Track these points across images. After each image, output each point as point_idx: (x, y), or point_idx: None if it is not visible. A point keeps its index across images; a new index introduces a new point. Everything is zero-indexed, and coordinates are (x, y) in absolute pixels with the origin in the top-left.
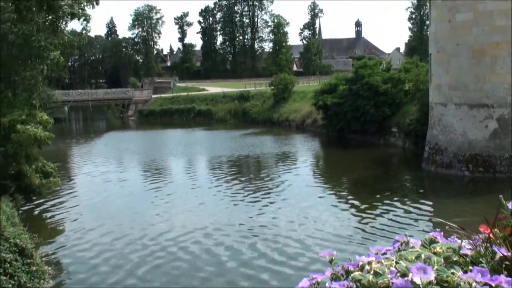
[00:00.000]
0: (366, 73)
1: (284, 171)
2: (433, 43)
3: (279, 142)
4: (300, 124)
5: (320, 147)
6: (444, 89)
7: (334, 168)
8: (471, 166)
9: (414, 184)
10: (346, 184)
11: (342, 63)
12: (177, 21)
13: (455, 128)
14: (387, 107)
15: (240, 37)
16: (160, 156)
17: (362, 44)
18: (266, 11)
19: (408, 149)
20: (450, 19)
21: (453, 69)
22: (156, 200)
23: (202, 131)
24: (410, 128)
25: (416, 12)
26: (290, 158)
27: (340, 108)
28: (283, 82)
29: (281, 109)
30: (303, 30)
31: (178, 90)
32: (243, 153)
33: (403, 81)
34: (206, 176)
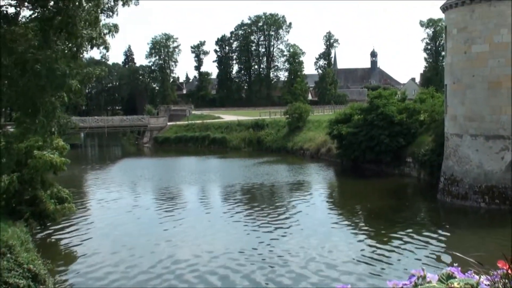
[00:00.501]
0: (381, 103)
1: (298, 200)
2: (448, 74)
3: (293, 171)
4: (315, 153)
5: (335, 177)
6: (459, 120)
7: (348, 197)
8: (487, 197)
9: (429, 215)
10: (361, 214)
11: (357, 92)
12: (193, 50)
13: (471, 159)
14: (402, 137)
15: (255, 66)
16: (174, 183)
17: (377, 74)
18: (282, 41)
19: (423, 179)
20: (466, 50)
21: (469, 100)
22: (169, 227)
23: (217, 159)
24: (425, 158)
25: (432, 43)
26: (304, 187)
27: (355, 138)
28: (298, 111)
29: (296, 138)
30: (319, 60)
31: (193, 117)
32: (257, 181)
33: (418, 111)
34: (219, 204)
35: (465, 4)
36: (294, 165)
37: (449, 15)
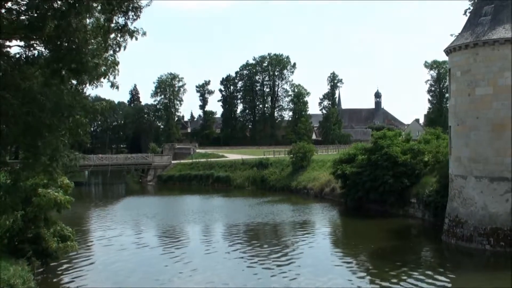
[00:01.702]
0: (385, 144)
1: (301, 240)
2: (452, 116)
3: (297, 210)
4: (319, 192)
5: (338, 216)
6: (464, 162)
7: (352, 237)
8: (492, 240)
9: (434, 257)
10: (364, 255)
11: (361, 133)
12: (198, 89)
13: (475, 201)
14: (406, 177)
15: (260, 105)
16: (177, 222)
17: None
18: (287, 81)
19: (427, 220)
20: (469, 93)
21: (473, 142)
22: (171, 265)
23: (220, 197)
24: (430, 199)
25: (436, 85)
26: (307, 226)
27: (359, 178)
28: (302, 150)
29: (300, 177)
30: (323, 100)
31: (197, 156)
32: (260, 220)
33: (423, 152)
34: (222, 243)
35: (469, 48)
36: (298, 204)
37: (453, 57)
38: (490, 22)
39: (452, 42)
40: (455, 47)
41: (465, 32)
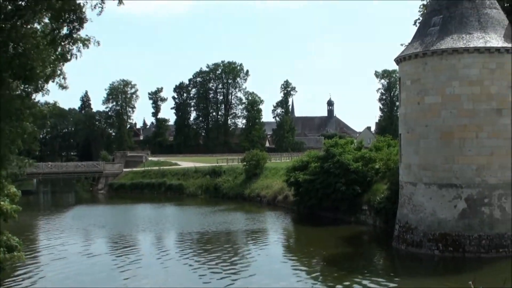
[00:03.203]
0: (337, 152)
1: (255, 248)
2: (402, 124)
3: (250, 219)
4: (272, 200)
5: (291, 224)
6: (414, 169)
7: (304, 245)
8: (441, 245)
9: (384, 263)
10: (317, 262)
11: (314, 140)
12: (151, 96)
13: (424, 207)
14: (358, 185)
15: (213, 113)
16: (129, 231)
17: (334, 123)
18: (240, 89)
19: (378, 227)
20: (419, 101)
21: (423, 149)
22: (121, 275)
23: (173, 206)
24: (381, 206)
25: (387, 93)
26: (260, 234)
27: (312, 185)
28: (255, 158)
29: (253, 185)
30: (276, 108)
31: (150, 164)
32: (214, 229)
33: (374, 159)
34: (174, 252)
35: (418, 57)
36: (251, 212)
37: (403, 67)
38: (438, 32)
39: (402, 51)
40: (405, 56)
41: (415, 42)
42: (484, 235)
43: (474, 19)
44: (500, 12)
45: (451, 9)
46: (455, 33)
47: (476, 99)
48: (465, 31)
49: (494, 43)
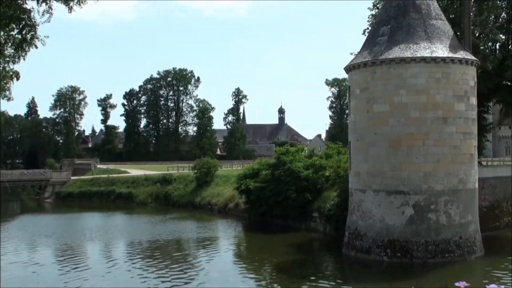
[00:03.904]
0: (288, 159)
1: (206, 256)
2: (352, 132)
3: (201, 227)
4: (223, 208)
5: (242, 232)
6: (363, 176)
7: (255, 252)
8: (389, 251)
9: (334, 270)
10: (268, 269)
11: (265, 148)
12: (100, 103)
13: (373, 214)
14: (309, 192)
15: (164, 120)
16: (76, 240)
17: (285, 130)
18: (191, 96)
19: (329, 234)
20: (368, 109)
21: (372, 157)
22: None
23: (122, 214)
24: (331, 213)
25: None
26: (212, 243)
27: (263, 193)
28: (206, 165)
29: (204, 192)
30: (228, 115)
31: (98, 172)
32: (164, 238)
33: (324, 167)
34: (123, 262)
35: (367, 66)
36: (202, 220)
37: (352, 75)
38: (387, 42)
39: (352, 60)
40: (354, 65)
41: (364, 51)
42: (431, 241)
43: (421, 30)
44: (446, 23)
45: (399, 20)
46: (403, 43)
47: (423, 107)
48: (412, 41)
49: (440, 53)
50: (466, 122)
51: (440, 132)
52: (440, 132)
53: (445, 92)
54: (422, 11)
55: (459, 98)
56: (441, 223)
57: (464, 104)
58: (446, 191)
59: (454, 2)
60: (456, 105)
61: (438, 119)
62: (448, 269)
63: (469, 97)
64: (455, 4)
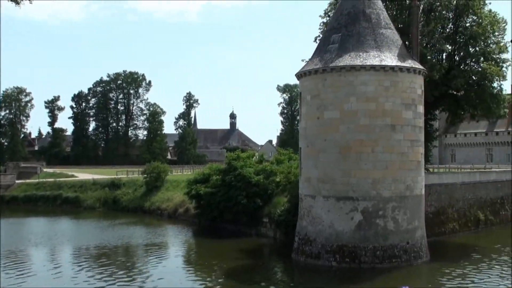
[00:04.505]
0: (239, 165)
1: (155, 262)
2: (303, 138)
3: (150, 232)
4: (173, 213)
5: (192, 237)
6: (313, 182)
7: (205, 258)
8: (338, 256)
9: (283, 275)
10: (217, 275)
11: (216, 153)
12: (47, 105)
13: (323, 219)
14: (259, 198)
15: (114, 124)
16: (20, 247)
17: (236, 136)
18: (142, 99)
19: (279, 239)
20: (318, 116)
21: (322, 163)
22: None
23: (69, 219)
24: (281, 219)
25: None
26: (161, 248)
27: (213, 198)
28: (156, 170)
29: (153, 197)
30: (179, 119)
31: (45, 175)
32: (112, 243)
33: (275, 173)
34: (70, 269)
35: (318, 73)
36: (151, 226)
37: (304, 82)
38: (337, 49)
39: (303, 67)
40: (305, 72)
41: (315, 58)
42: (379, 246)
43: (370, 38)
44: (395, 32)
45: (349, 28)
46: (353, 51)
47: (372, 115)
48: (362, 50)
49: (389, 62)
50: (414, 130)
51: (388, 139)
52: (389, 139)
53: (393, 100)
54: (372, 20)
55: (407, 106)
56: (389, 229)
57: (412, 112)
58: (394, 197)
59: (403, 12)
60: (404, 113)
61: (386, 127)
62: (395, 274)
63: (417, 105)
64: (404, 14)
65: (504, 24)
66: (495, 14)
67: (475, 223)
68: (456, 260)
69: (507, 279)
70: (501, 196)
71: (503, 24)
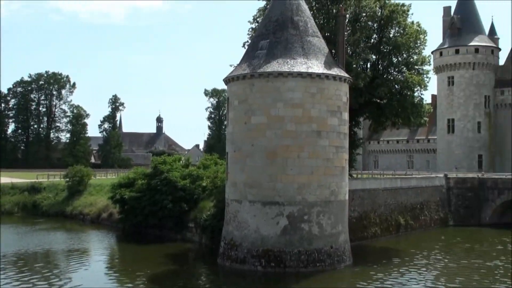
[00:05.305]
0: (165, 169)
1: (75, 269)
2: (230, 143)
3: (72, 238)
4: (96, 218)
5: (116, 242)
6: (239, 187)
7: (129, 264)
8: (264, 261)
9: (208, 280)
10: (142, 281)
11: (142, 157)
12: None
13: (249, 224)
14: (185, 202)
15: (35, 126)
16: None
17: (162, 140)
18: (65, 101)
19: (204, 244)
20: (246, 121)
21: (249, 168)
22: None
23: None
24: (207, 223)
25: (216, 112)
26: (83, 254)
27: (138, 203)
28: (79, 174)
29: (76, 202)
30: (103, 122)
31: None
32: (31, 250)
33: (202, 177)
34: None
35: (246, 78)
36: (73, 231)
37: (231, 87)
38: (265, 56)
39: (231, 72)
40: (233, 77)
41: (243, 63)
42: (303, 251)
43: (298, 46)
44: (322, 40)
45: (277, 35)
46: (281, 57)
47: (298, 121)
48: (289, 56)
49: (315, 69)
50: (339, 136)
51: (314, 145)
52: (314, 145)
53: (319, 106)
54: (300, 27)
55: (333, 113)
56: (314, 233)
57: (337, 119)
58: (319, 202)
59: (329, 21)
60: (330, 119)
61: (312, 133)
62: (319, 278)
63: (342, 112)
64: (330, 23)
65: (425, 35)
66: (418, 26)
67: (396, 227)
68: (378, 264)
69: (424, 282)
70: (421, 202)
71: (424, 35)
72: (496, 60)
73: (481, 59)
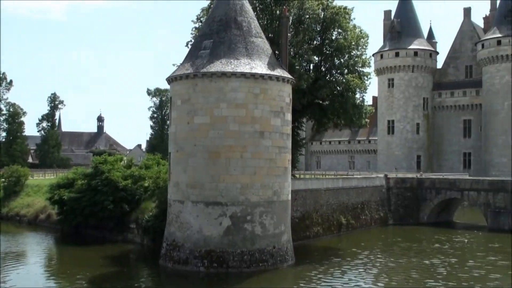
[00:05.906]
0: (106, 169)
1: (10, 273)
2: (172, 143)
3: (7, 240)
4: (33, 219)
5: (54, 244)
6: (182, 187)
7: (68, 266)
8: (206, 262)
9: (151, 282)
10: (81, 284)
11: (82, 157)
12: None
13: (191, 224)
14: (127, 203)
15: None
16: None
17: (103, 139)
18: (1, 99)
19: (146, 245)
20: (189, 121)
21: (191, 168)
22: None
23: None
24: (149, 224)
25: (158, 111)
26: (19, 258)
27: (78, 203)
28: (16, 174)
29: (12, 203)
30: (42, 121)
31: None
32: None
33: (143, 177)
34: None
35: (189, 78)
36: (8, 233)
37: (174, 86)
38: (209, 55)
39: (174, 71)
40: (176, 76)
41: (186, 63)
42: (246, 251)
43: (241, 46)
44: (265, 41)
45: (221, 35)
46: (224, 57)
47: (242, 121)
48: (233, 57)
49: (259, 70)
50: (282, 137)
51: (257, 146)
52: (257, 145)
53: (262, 107)
54: (243, 28)
55: (276, 114)
56: (256, 234)
57: (280, 120)
58: (262, 203)
59: (273, 22)
60: (273, 120)
61: (255, 133)
62: (261, 278)
63: (285, 113)
64: (274, 24)
65: (366, 38)
66: (360, 30)
67: (338, 227)
68: (319, 263)
69: (364, 281)
70: (362, 201)
71: (366, 38)
72: (434, 64)
73: (420, 62)
